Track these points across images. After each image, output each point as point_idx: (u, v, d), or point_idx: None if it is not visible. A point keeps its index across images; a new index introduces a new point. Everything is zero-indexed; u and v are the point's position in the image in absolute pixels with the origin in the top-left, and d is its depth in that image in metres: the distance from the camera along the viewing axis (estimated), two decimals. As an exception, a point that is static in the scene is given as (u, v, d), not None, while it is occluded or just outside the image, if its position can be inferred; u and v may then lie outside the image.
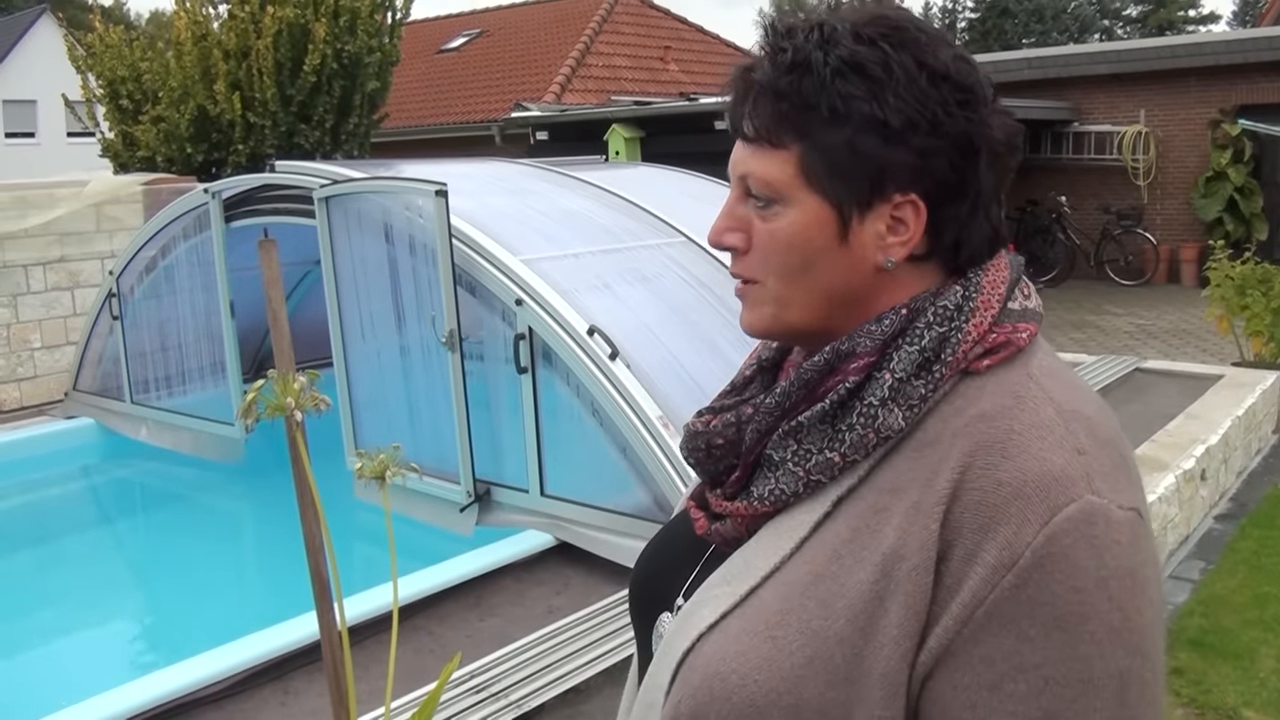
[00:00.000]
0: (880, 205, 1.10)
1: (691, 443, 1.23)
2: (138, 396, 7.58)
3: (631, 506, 4.75)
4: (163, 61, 12.70)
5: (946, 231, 1.12)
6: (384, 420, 5.79)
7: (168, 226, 7.26)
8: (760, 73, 1.14)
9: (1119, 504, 1.00)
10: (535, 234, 5.56)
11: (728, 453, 1.19)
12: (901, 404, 1.07)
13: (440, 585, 4.47)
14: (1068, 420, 1.05)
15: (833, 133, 1.09)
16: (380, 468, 2.30)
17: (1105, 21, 51.72)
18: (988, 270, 1.14)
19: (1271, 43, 14.94)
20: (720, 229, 1.19)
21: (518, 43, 22.94)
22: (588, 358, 4.75)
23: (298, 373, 2.09)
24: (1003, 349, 1.10)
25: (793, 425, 1.11)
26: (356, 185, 5.63)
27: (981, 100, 1.11)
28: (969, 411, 1.06)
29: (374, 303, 5.68)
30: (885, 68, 1.08)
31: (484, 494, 5.22)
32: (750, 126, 1.14)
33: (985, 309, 1.10)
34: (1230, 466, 6.76)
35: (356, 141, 12.93)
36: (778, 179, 1.12)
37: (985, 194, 1.13)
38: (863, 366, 1.10)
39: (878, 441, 1.07)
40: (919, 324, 1.10)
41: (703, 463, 1.22)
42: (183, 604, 5.64)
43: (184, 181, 10.09)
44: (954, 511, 1.00)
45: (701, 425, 1.22)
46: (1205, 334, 11.66)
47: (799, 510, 1.11)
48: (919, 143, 1.08)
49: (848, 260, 1.12)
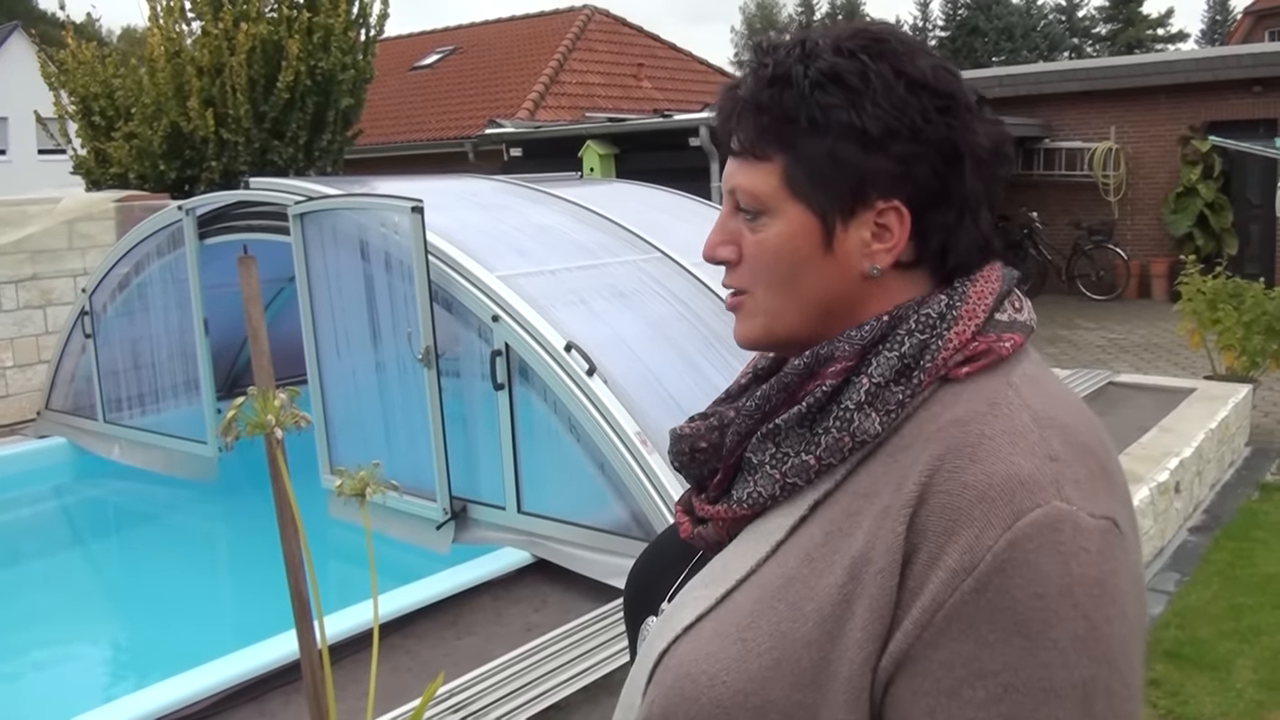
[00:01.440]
0: (864, 212, 1.11)
1: (676, 446, 1.24)
2: (110, 415, 7.52)
3: (609, 523, 4.73)
4: (136, 78, 12.64)
5: (933, 238, 1.13)
6: (359, 437, 5.76)
7: (141, 244, 7.21)
8: (745, 88, 1.16)
9: (1090, 511, 0.99)
10: (511, 250, 5.56)
11: (711, 456, 1.20)
12: (879, 409, 1.07)
13: (417, 604, 4.45)
14: (1042, 427, 1.04)
15: (814, 143, 1.10)
16: (360, 485, 2.29)
17: (1075, 39, 52.18)
18: (976, 280, 1.14)
19: (1240, 61, 15.11)
20: (713, 243, 1.21)
21: (491, 60, 22.94)
22: (565, 374, 4.74)
23: (278, 390, 2.08)
24: (983, 357, 1.10)
25: (771, 428, 1.12)
26: (332, 202, 5.61)
27: (963, 106, 1.13)
28: (944, 417, 1.06)
29: (349, 319, 5.66)
30: (863, 77, 1.09)
31: (460, 511, 5.20)
32: (737, 141, 1.16)
33: (969, 318, 1.11)
34: (1204, 479, 6.81)
35: (330, 158, 12.90)
36: (763, 191, 1.14)
37: (972, 200, 1.13)
38: (841, 370, 1.10)
39: (853, 445, 1.08)
40: (901, 331, 1.10)
41: (687, 466, 1.24)
42: (157, 625, 5.58)
43: (157, 198, 10.03)
44: (920, 515, 1.00)
45: (688, 429, 1.24)
46: (1177, 348, 11.74)
47: (777, 514, 1.11)
48: (899, 149, 1.09)
49: (834, 268, 1.13)
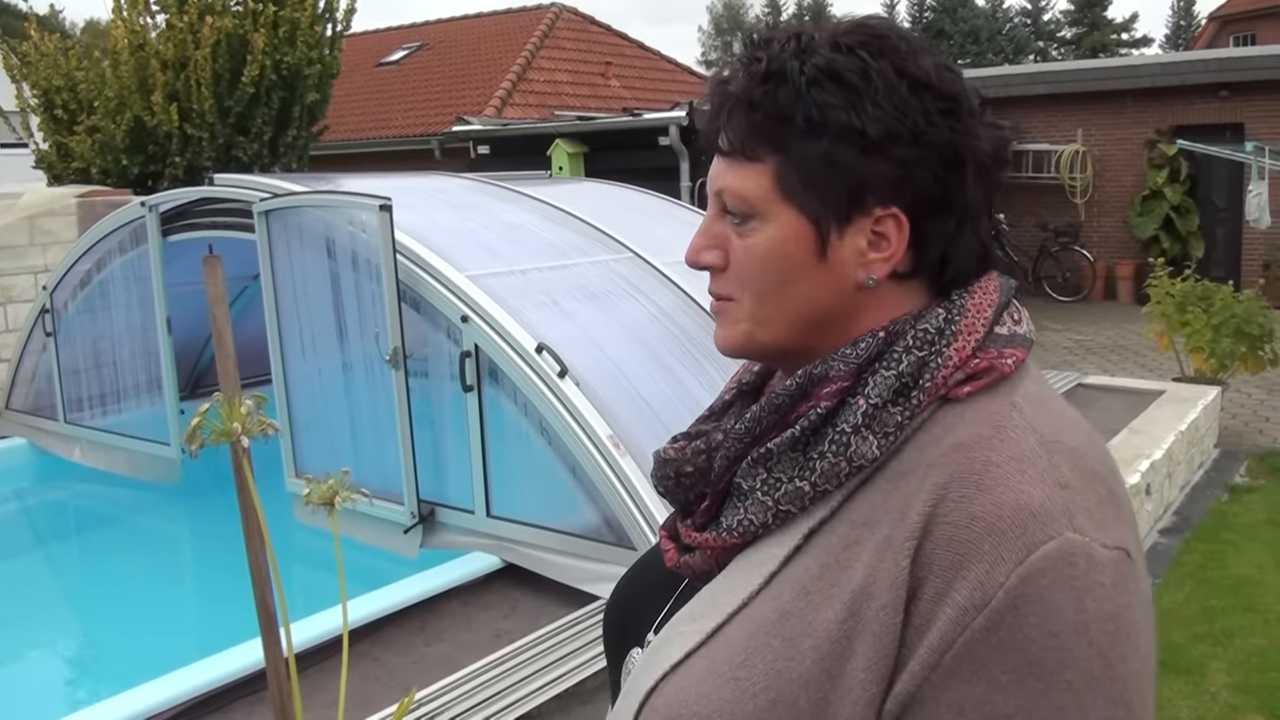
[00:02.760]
0: (860, 219, 1.05)
1: (661, 471, 1.18)
2: (71, 415, 7.40)
3: (581, 527, 4.66)
4: (99, 71, 12.42)
5: (931, 247, 1.07)
6: (325, 439, 5.66)
7: (103, 240, 7.11)
8: (736, 84, 1.09)
9: (1103, 542, 0.94)
10: (480, 249, 5.48)
11: (698, 481, 1.14)
12: (876, 431, 1.02)
13: (385, 610, 4.37)
14: (1051, 452, 0.99)
15: (809, 144, 1.04)
16: (329, 493, 2.22)
17: (1040, 43, 52.51)
18: (974, 292, 1.08)
19: (1206, 65, 15.20)
20: (697, 247, 1.14)
21: (458, 56, 22.80)
22: (536, 376, 4.67)
23: (244, 395, 2.00)
24: (985, 375, 1.04)
25: (762, 452, 1.06)
26: (297, 199, 5.51)
27: (966, 110, 1.07)
28: (946, 441, 1.00)
29: (315, 319, 5.56)
30: (863, 76, 1.03)
31: (428, 515, 5.12)
32: (726, 140, 1.10)
33: (969, 333, 1.05)
34: (1174, 480, 6.82)
35: (295, 154, 12.72)
36: (753, 193, 1.07)
37: (973, 208, 1.08)
38: (836, 391, 1.04)
39: (850, 471, 1.02)
40: (897, 348, 1.04)
41: (672, 492, 1.17)
42: (118, 632, 5.48)
43: (119, 194, 9.87)
44: (925, 547, 0.94)
45: (673, 452, 1.17)
46: (1143, 349, 11.79)
47: (769, 543, 1.05)
48: (900, 153, 1.03)
49: (827, 277, 1.07)
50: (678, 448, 1.18)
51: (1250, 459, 7.85)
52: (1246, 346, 8.33)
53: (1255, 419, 9.07)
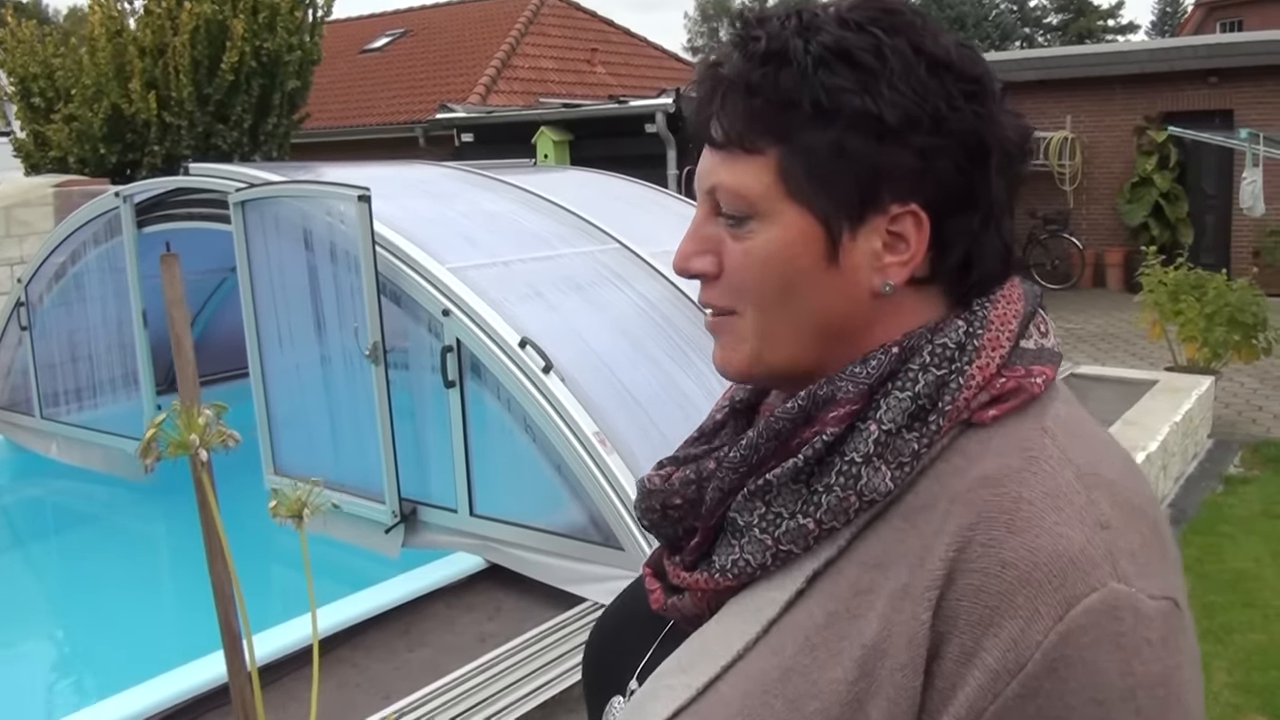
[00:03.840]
0: (875, 218, 0.93)
1: (645, 503, 1.05)
2: (47, 411, 7.26)
3: (566, 526, 4.54)
4: (76, 58, 12.25)
5: (954, 248, 0.95)
6: (304, 435, 5.52)
7: (77, 231, 6.96)
8: (730, 67, 0.96)
9: (1150, 592, 0.83)
10: (462, 240, 5.34)
11: (687, 514, 1.01)
12: (890, 461, 0.89)
13: (365, 614, 4.23)
14: (1089, 486, 0.87)
15: (817, 132, 0.91)
16: (296, 506, 2.09)
17: (1026, 29, 52.41)
18: (997, 302, 0.96)
19: (1196, 51, 15.14)
20: (686, 253, 1.01)
21: (442, 43, 22.61)
22: (519, 371, 4.53)
23: (204, 404, 1.87)
24: (1012, 396, 0.92)
25: (760, 484, 0.94)
26: (274, 189, 5.37)
27: (990, 93, 0.95)
28: (970, 473, 0.88)
29: (293, 312, 5.42)
30: (877, 54, 0.91)
31: (410, 514, 4.99)
32: (719, 130, 0.96)
33: (993, 348, 0.93)
34: (1168, 473, 6.73)
35: (276, 142, 12.57)
36: (752, 190, 0.94)
37: (997, 204, 0.95)
38: (844, 416, 0.92)
39: (860, 506, 0.90)
40: (913, 365, 0.92)
41: (658, 525, 1.04)
42: (94, 634, 5.34)
43: (97, 184, 9.73)
44: (949, 598, 0.83)
45: (658, 482, 1.04)
46: (1133, 338, 11.73)
47: (768, 586, 0.93)
48: (920, 142, 0.91)
49: (838, 284, 0.94)
50: (664, 475, 1.05)
51: (1244, 449, 7.78)
52: (1240, 335, 8.25)
53: (1248, 408, 9.00)
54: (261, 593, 5.14)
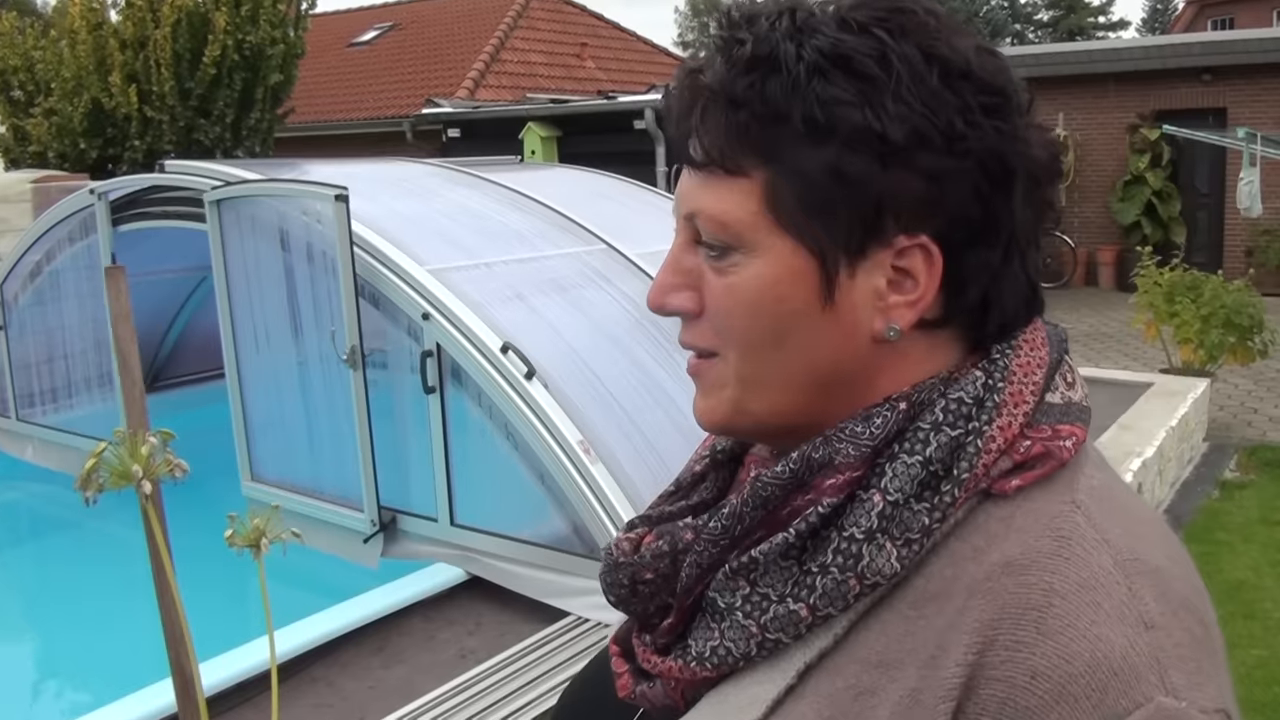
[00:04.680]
0: (878, 251, 0.80)
1: (612, 576, 0.90)
2: (23, 412, 7.13)
3: (549, 537, 4.41)
4: (56, 51, 12.06)
5: (970, 287, 0.81)
6: (282, 441, 5.38)
7: (53, 229, 6.86)
8: (712, 74, 0.81)
9: (1202, 705, 0.70)
10: (443, 241, 5.19)
11: (660, 589, 0.87)
12: (896, 537, 0.76)
13: (340, 629, 4.10)
14: (1130, 575, 0.74)
15: (810, 152, 0.78)
16: (254, 536, 1.95)
17: (1017, 26, 52.36)
18: (1019, 348, 0.83)
19: (1190, 49, 15.03)
20: (664, 286, 0.87)
21: (431, 37, 22.43)
22: (501, 377, 4.39)
23: (151, 432, 1.72)
24: (1038, 463, 0.79)
25: (744, 561, 0.80)
26: (250, 188, 5.22)
27: (1015, 107, 0.81)
28: (990, 556, 0.75)
29: (270, 315, 5.27)
30: (881, 61, 0.77)
31: (389, 523, 4.85)
32: (699, 148, 0.82)
33: (1016, 404, 0.80)
34: (1164, 478, 6.61)
35: (259, 137, 12.41)
36: (736, 218, 0.81)
37: (1021, 235, 0.82)
38: (843, 484, 0.79)
39: (861, 590, 0.77)
40: (924, 424, 0.79)
41: (626, 601, 0.90)
42: (70, 643, 5.19)
43: (76, 179, 9.57)
44: (968, 712, 0.71)
45: (626, 547, 0.90)
46: (1126, 337, 11.62)
47: (752, 679, 0.80)
48: (930, 163, 0.77)
49: (835, 327, 0.81)
50: (634, 541, 0.90)
51: (1240, 453, 7.67)
52: (1236, 337, 8.13)
53: (1243, 410, 8.89)
54: (240, 601, 5.00)
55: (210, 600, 3.80)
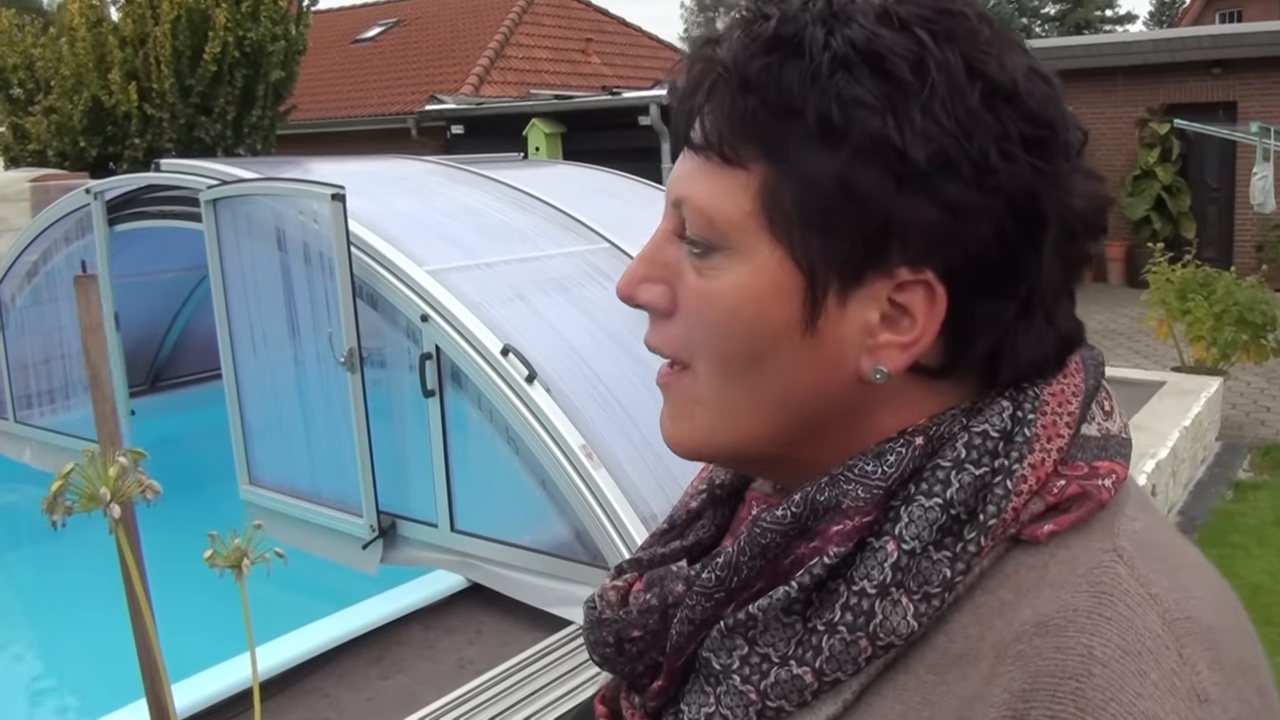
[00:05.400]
0: (876, 280, 0.69)
1: (595, 634, 0.80)
2: (21, 414, 7.05)
3: (550, 543, 4.31)
4: (55, 48, 11.98)
5: (978, 338, 0.70)
6: (280, 444, 5.29)
7: (49, 229, 6.80)
8: (727, 49, 0.71)
9: None
10: (443, 241, 5.09)
11: (650, 646, 0.77)
12: (913, 591, 0.66)
13: (338, 639, 4.01)
14: (1180, 636, 0.64)
15: (819, 155, 0.67)
16: (236, 557, 1.86)
17: (1024, 19, 52.19)
18: (1051, 377, 0.72)
19: (1200, 42, 14.89)
20: (635, 277, 0.77)
21: (435, 33, 22.32)
22: (502, 380, 4.29)
23: (121, 452, 1.63)
24: (1075, 505, 0.68)
25: (741, 618, 0.71)
26: (246, 187, 5.13)
27: (1062, 146, 0.69)
28: (1021, 613, 0.65)
29: (267, 316, 5.18)
30: (917, 66, 0.66)
31: (389, 528, 4.76)
32: (699, 128, 0.71)
33: (1049, 438, 0.69)
34: (1178, 479, 6.51)
35: (260, 135, 12.31)
36: (724, 214, 0.70)
37: (1047, 289, 0.70)
38: (852, 531, 0.68)
39: (874, 652, 0.67)
40: (944, 461, 0.68)
41: (612, 661, 0.80)
42: (69, 652, 5.10)
43: (75, 178, 9.48)
44: None
45: (613, 600, 0.80)
46: (1136, 334, 11.50)
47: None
48: (952, 193, 0.66)
49: (812, 359, 0.70)
50: (620, 591, 0.81)
51: (1253, 452, 7.57)
52: (1249, 335, 8.02)
53: (1256, 409, 8.78)
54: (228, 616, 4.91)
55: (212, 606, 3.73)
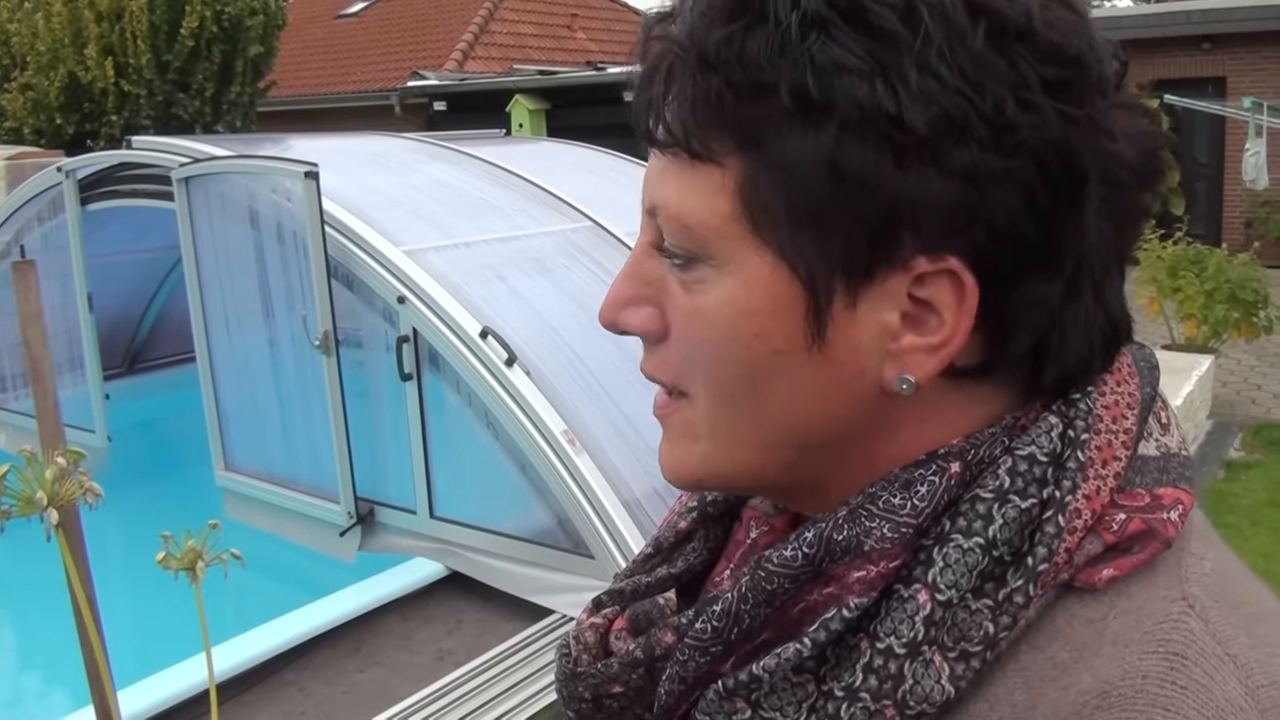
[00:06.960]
0: (889, 276, 0.57)
1: (570, 688, 0.69)
2: (-5, 398, 6.91)
3: (531, 530, 4.22)
4: (31, 23, 11.78)
5: (1019, 329, 0.57)
6: (256, 429, 5.17)
7: (21, 209, 6.66)
8: (682, 25, 0.58)
9: None
10: (420, 220, 4.97)
11: (633, 702, 0.66)
12: (949, 649, 0.55)
13: (314, 630, 3.91)
14: (1266, 709, 0.53)
15: (800, 138, 0.55)
16: (190, 559, 1.75)
17: (1011, -7, 52.16)
18: (1103, 385, 0.60)
19: (1190, 17, 14.78)
20: (618, 301, 0.65)
21: (419, 8, 22.05)
22: (480, 363, 4.18)
23: (60, 452, 1.51)
24: (1138, 545, 0.57)
25: (743, 679, 0.59)
26: (218, 165, 5.00)
27: (1095, 83, 0.56)
28: (1079, 678, 0.54)
29: (241, 298, 5.06)
30: (907, 13, 0.53)
31: (367, 515, 4.65)
32: (660, 123, 0.59)
33: (1105, 461, 0.57)
34: (1169, 460, 6.43)
35: (240, 111, 12.14)
36: (701, 220, 0.59)
37: (1096, 260, 0.58)
38: (876, 578, 0.57)
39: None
40: (984, 492, 0.57)
41: (589, 718, 0.68)
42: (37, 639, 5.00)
43: (51, 156, 9.36)
44: None
45: (590, 641, 0.69)
46: (1126, 312, 11.43)
47: None
48: (966, 160, 0.54)
49: (826, 375, 0.59)
50: (598, 630, 0.70)
51: (1245, 431, 7.48)
52: (1241, 313, 7.93)
53: (1246, 387, 8.70)
54: (223, 592, 4.82)
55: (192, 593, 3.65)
